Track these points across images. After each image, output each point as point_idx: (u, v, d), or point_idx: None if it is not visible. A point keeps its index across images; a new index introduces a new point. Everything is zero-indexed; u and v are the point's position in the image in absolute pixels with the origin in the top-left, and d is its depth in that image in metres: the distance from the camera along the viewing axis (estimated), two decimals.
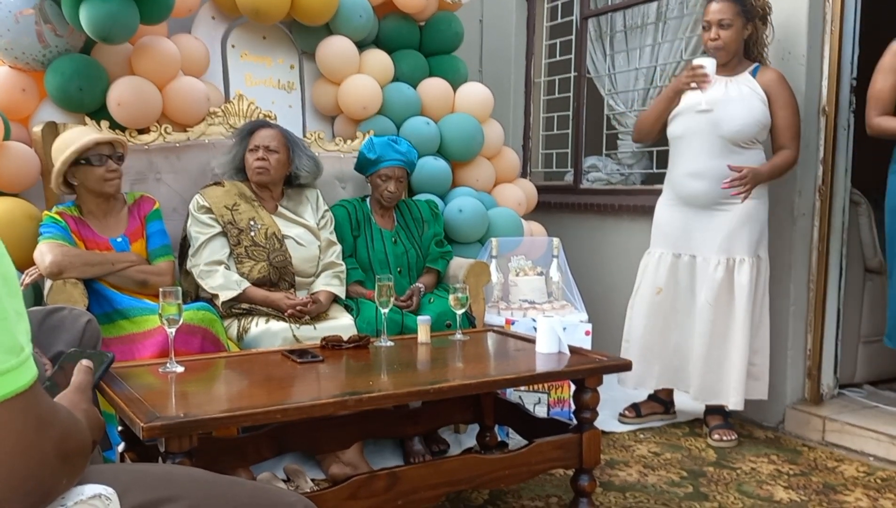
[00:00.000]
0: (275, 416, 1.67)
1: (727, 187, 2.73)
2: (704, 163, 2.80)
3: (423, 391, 1.90)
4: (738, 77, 2.81)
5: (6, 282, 0.66)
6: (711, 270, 2.81)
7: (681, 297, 2.92)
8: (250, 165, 2.73)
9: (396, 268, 2.94)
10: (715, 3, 2.79)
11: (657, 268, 2.95)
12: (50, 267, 2.27)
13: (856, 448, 2.77)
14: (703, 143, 2.80)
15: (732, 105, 2.76)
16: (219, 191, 2.72)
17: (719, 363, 2.82)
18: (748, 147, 2.78)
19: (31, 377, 0.67)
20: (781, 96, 2.77)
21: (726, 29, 2.76)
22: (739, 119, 2.74)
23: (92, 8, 2.53)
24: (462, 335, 2.42)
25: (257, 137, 2.75)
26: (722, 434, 2.84)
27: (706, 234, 2.83)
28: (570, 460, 2.14)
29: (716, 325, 2.81)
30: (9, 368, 0.64)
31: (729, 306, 2.80)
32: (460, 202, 3.28)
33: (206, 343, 2.24)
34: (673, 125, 2.90)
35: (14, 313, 0.66)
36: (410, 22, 3.54)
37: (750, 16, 2.77)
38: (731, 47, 2.79)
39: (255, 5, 3.04)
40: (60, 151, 2.39)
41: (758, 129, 2.76)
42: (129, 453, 1.97)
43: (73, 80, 2.71)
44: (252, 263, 2.63)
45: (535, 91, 4.53)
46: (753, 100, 2.76)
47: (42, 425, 0.68)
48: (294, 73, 3.40)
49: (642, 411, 3.07)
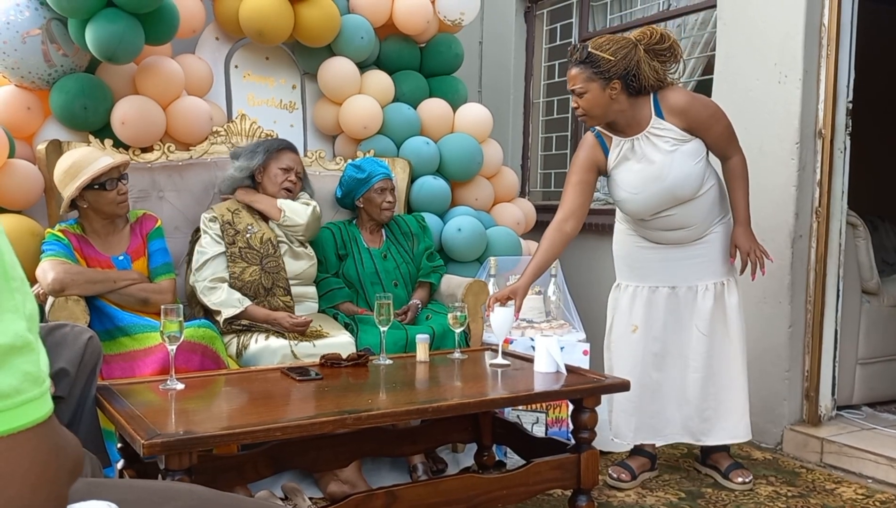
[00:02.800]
0: (274, 434, 1.67)
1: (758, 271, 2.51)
2: (675, 223, 2.54)
3: (422, 409, 1.90)
4: (648, 129, 2.46)
5: (31, 319, 0.69)
6: (699, 298, 2.58)
7: (660, 335, 2.63)
8: (279, 182, 2.84)
9: (392, 282, 2.98)
10: (570, 69, 2.46)
11: (632, 303, 2.66)
12: (52, 284, 2.28)
13: (854, 471, 2.77)
14: (668, 214, 2.53)
15: (670, 166, 2.43)
16: (225, 202, 2.84)
17: (718, 396, 2.60)
18: (705, 185, 2.51)
19: (50, 408, 0.70)
20: (696, 116, 2.44)
21: (582, 96, 2.42)
22: (694, 177, 2.45)
23: (98, 28, 2.57)
24: (460, 354, 2.43)
25: (289, 158, 2.88)
26: (744, 476, 2.63)
27: (687, 263, 2.59)
28: (568, 480, 2.14)
29: (712, 357, 2.59)
30: (32, 397, 0.67)
31: (724, 333, 2.59)
32: (459, 221, 3.30)
33: (206, 360, 2.25)
34: (632, 208, 2.56)
35: (36, 346, 0.69)
36: (411, 43, 3.59)
37: (608, 75, 2.38)
38: (596, 112, 2.44)
39: (259, 27, 3.08)
40: (70, 176, 2.40)
41: (703, 164, 2.48)
42: (129, 470, 1.97)
43: (78, 98, 2.74)
44: (244, 264, 2.69)
45: (534, 111, 4.58)
46: (680, 145, 2.44)
47: (59, 454, 0.70)
48: (296, 93, 3.44)
49: (636, 470, 2.68)
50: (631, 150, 2.51)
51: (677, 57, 2.49)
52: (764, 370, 3.07)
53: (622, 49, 2.40)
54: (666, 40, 2.45)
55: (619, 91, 2.42)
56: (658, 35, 2.45)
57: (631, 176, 2.51)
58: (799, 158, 2.95)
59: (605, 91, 2.41)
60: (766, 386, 3.07)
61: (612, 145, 2.55)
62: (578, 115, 2.49)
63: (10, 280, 0.68)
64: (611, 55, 2.39)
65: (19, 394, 0.66)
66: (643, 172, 2.49)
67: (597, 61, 2.39)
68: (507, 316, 2.33)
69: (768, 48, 3.03)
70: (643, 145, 2.49)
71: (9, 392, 0.65)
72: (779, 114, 3.00)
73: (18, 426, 0.66)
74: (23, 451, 0.66)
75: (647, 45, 2.43)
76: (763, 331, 3.05)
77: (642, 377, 2.63)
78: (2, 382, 0.64)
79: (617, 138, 2.54)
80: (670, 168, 2.45)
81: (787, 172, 2.98)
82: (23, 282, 0.70)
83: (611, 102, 2.43)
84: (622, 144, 2.53)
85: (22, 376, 0.66)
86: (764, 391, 3.07)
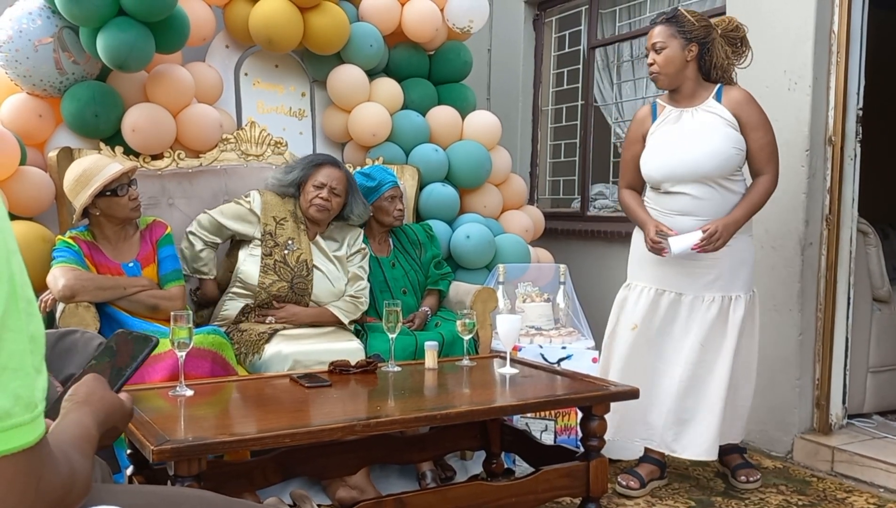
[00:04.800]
0: (284, 440, 1.68)
1: (700, 251, 2.50)
2: (689, 203, 2.57)
3: (431, 416, 1.90)
4: (703, 105, 2.59)
5: (33, 340, 0.68)
6: (704, 308, 2.59)
7: (656, 339, 2.65)
8: (310, 199, 2.74)
9: (401, 290, 2.98)
10: (652, 28, 2.63)
11: (636, 302, 2.68)
12: (63, 291, 2.29)
13: (865, 480, 2.74)
14: (684, 185, 2.57)
15: (704, 139, 2.53)
16: (277, 199, 2.77)
17: (693, 409, 2.59)
18: (732, 179, 2.57)
19: (39, 434, 0.68)
20: (751, 117, 2.55)
21: (660, 52, 2.57)
22: (719, 154, 2.51)
23: (110, 37, 2.59)
24: (469, 361, 2.43)
25: (326, 174, 2.75)
26: (748, 475, 2.68)
27: (699, 272, 2.60)
28: (578, 488, 2.14)
29: (700, 367, 2.58)
30: (21, 422, 0.65)
31: (719, 346, 2.58)
32: (468, 229, 3.30)
33: (215, 367, 2.25)
34: (648, 168, 2.65)
35: (33, 369, 0.68)
36: (420, 51, 3.60)
37: (689, 36, 2.55)
38: (669, 70, 2.57)
39: (269, 35, 3.10)
40: (82, 184, 2.42)
41: (738, 157, 2.54)
42: (138, 476, 1.97)
43: (89, 106, 2.76)
44: (275, 278, 2.67)
45: (543, 119, 4.58)
46: (724, 127, 2.54)
47: (43, 487, 0.69)
48: (305, 100, 3.46)
49: (645, 478, 2.66)
50: (677, 119, 2.64)
51: (746, 47, 2.65)
52: (774, 378, 3.05)
53: (703, 21, 2.60)
54: (740, 30, 2.63)
55: (694, 58, 2.59)
56: (734, 24, 2.63)
57: (664, 137, 2.64)
58: (809, 165, 2.94)
59: (683, 51, 2.58)
60: (776, 394, 3.05)
61: (662, 114, 2.69)
62: (652, 72, 2.63)
63: (17, 300, 0.66)
64: (695, 20, 2.58)
65: (10, 417, 0.64)
66: (677, 134, 2.61)
67: (682, 21, 2.58)
68: (515, 324, 2.33)
69: (778, 55, 3.02)
70: (690, 117, 2.62)
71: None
72: (789, 121, 2.99)
73: (3, 450, 0.64)
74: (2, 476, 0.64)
75: (724, 31, 2.61)
76: (773, 339, 3.03)
77: (632, 378, 2.57)
78: None
79: (669, 108, 2.67)
80: (703, 138, 2.55)
81: (798, 179, 2.97)
82: (30, 303, 0.69)
83: (685, 64, 2.59)
84: (670, 113, 2.66)
85: (13, 398, 0.64)
86: (774, 400, 3.05)
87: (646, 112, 2.74)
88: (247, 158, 3.11)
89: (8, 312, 0.64)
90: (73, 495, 0.75)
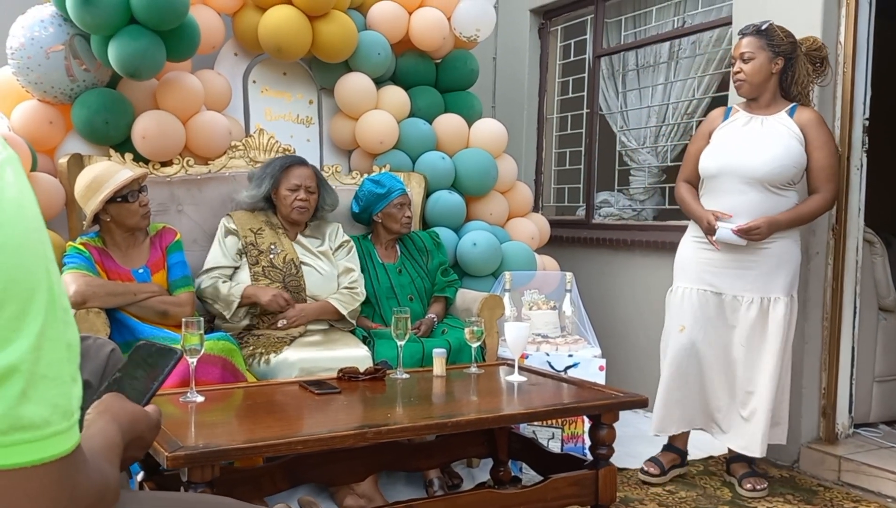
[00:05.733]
0: (296, 447, 1.68)
1: (740, 236, 2.63)
2: (737, 203, 2.68)
3: (440, 423, 1.91)
4: (774, 116, 2.71)
5: (69, 348, 0.68)
6: (744, 309, 2.71)
7: (707, 335, 2.77)
8: (289, 203, 2.79)
9: (407, 296, 2.99)
10: (742, 39, 2.74)
11: (681, 304, 2.82)
12: (74, 297, 2.30)
13: (872, 489, 2.74)
14: (737, 183, 2.68)
15: (767, 145, 2.65)
16: (247, 215, 2.83)
17: (744, 408, 2.72)
18: (784, 188, 2.66)
19: (75, 443, 0.68)
20: (818, 137, 2.66)
21: (748, 62, 2.69)
22: (776, 160, 2.62)
23: (121, 45, 2.61)
24: (477, 369, 2.43)
25: (296, 175, 2.81)
26: (755, 484, 2.71)
27: (738, 272, 2.71)
28: (586, 497, 2.14)
29: (744, 367, 2.70)
30: (58, 431, 0.66)
31: (760, 347, 2.69)
32: (474, 236, 3.31)
33: (225, 373, 2.26)
34: (705, 162, 2.78)
35: (70, 378, 0.68)
36: (427, 59, 3.62)
37: (777, 50, 2.67)
38: (754, 80, 2.69)
39: (277, 43, 3.11)
40: (93, 190, 2.43)
41: (795, 170, 2.64)
42: (148, 482, 1.98)
43: (100, 113, 2.78)
44: (268, 281, 2.71)
45: (548, 127, 4.60)
46: (788, 139, 2.64)
47: (76, 494, 0.69)
48: (313, 108, 3.47)
49: (665, 466, 2.84)
50: (746, 123, 2.75)
51: (828, 66, 2.77)
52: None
53: (791, 38, 2.71)
54: (822, 50, 2.74)
55: (778, 71, 2.70)
56: (818, 44, 2.75)
57: (729, 135, 2.76)
58: None
59: (770, 64, 2.69)
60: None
61: (733, 116, 2.81)
62: (738, 80, 2.73)
63: (56, 310, 0.67)
64: (784, 36, 2.69)
65: (48, 426, 0.64)
66: (742, 135, 2.72)
67: (772, 35, 2.68)
68: (523, 332, 2.34)
69: None
70: (759, 124, 2.72)
71: (38, 423, 0.63)
72: None
73: (41, 458, 0.64)
74: (38, 484, 0.64)
75: (808, 49, 2.73)
76: None
77: (687, 373, 2.79)
78: (31, 411, 0.63)
79: (742, 113, 2.79)
80: (765, 143, 2.66)
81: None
82: (66, 312, 0.69)
83: (769, 76, 2.70)
84: (741, 117, 2.78)
85: (52, 408, 0.64)
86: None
87: (719, 112, 2.89)
88: (255, 165, 3.12)
89: (48, 322, 0.65)
90: (105, 503, 0.75)
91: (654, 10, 3.96)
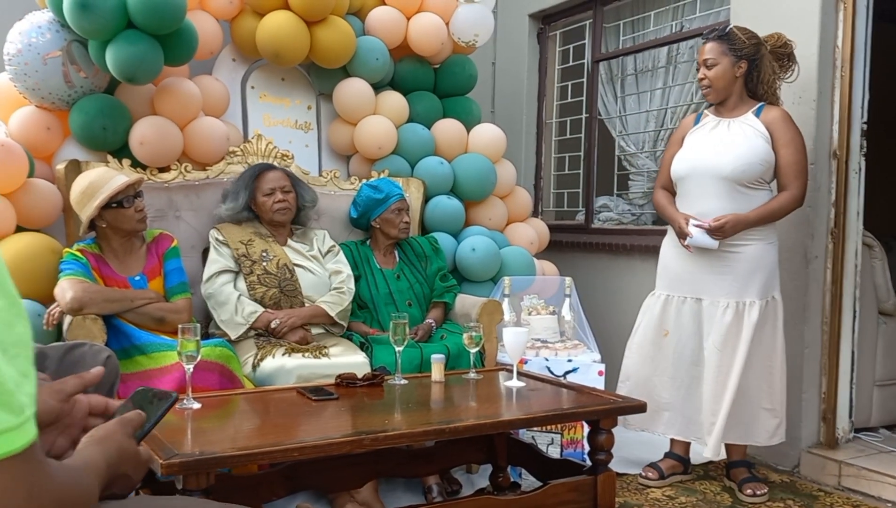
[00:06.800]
0: (292, 454, 1.67)
1: (711, 235, 2.68)
2: (709, 204, 2.73)
3: (439, 430, 1.89)
4: (741, 117, 2.76)
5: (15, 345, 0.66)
6: (720, 313, 2.73)
7: (688, 342, 2.83)
8: (270, 207, 2.83)
9: (406, 302, 2.98)
10: (704, 44, 2.78)
11: (664, 310, 2.88)
12: (71, 303, 2.30)
13: (873, 494, 2.73)
14: (707, 184, 2.73)
15: (732, 145, 2.70)
16: (234, 227, 2.84)
17: (717, 410, 2.72)
18: (754, 187, 2.71)
19: (28, 440, 0.65)
20: (784, 134, 2.69)
21: (711, 68, 2.74)
22: (741, 159, 2.67)
23: (119, 50, 2.61)
24: (476, 374, 2.42)
25: (269, 180, 2.86)
26: (755, 489, 2.71)
27: (714, 277, 2.75)
28: (585, 502, 2.12)
29: (720, 371, 2.72)
30: (8, 427, 0.64)
31: (733, 350, 2.71)
32: (473, 241, 3.31)
33: (222, 380, 2.25)
34: (676, 165, 2.85)
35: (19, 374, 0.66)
36: (425, 65, 3.62)
37: (739, 53, 2.71)
38: (718, 85, 2.75)
39: (276, 48, 3.11)
40: (88, 196, 2.43)
41: (762, 168, 2.68)
42: (144, 489, 1.96)
43: (98, 119, 2.78)
44: (264, 289, 2.73)
45: (547, 132, 4.60)
46: (754, 139, 2.69)
47: (33, 494, 0.67)
48: (311, 113, 3.47)
49: (665, 471, 2.88)
50: (714, 126, 2.81)
51: (794, 62, 2.79)
52: None
53: (754, 39, 2.73)
54: (787, 46, 2.77)
55: (742, 74, 2.74)
56: (783, 40, 2.77)
57: (698, 140, 2.82)
58: (814, 178, 2.95)
59: (733, 68, 2.73)
60: None
61: (703, 121, 2.87)
62: (703, 86, 2.80)
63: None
64: (746, 38, 2.72)
65: None
66: (709, 138, 2.78)
67: (734, 39, 2.72)
68: (522, 337, 2.33)
69: None
70: (726, 127, 2.78)
71: None
72: None
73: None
74: None
75: (773, 47, 2.75)
76: None
77: (674, 378, 2.85)
78: None
79: (712, 117, 2.85)
80: (731, 144, 2.71)
81: None
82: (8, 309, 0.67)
83: (734, 80, 2.75)
84: (710, 121, 2.84)
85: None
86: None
87: (691, 118, 2.96)
88: None
89: None
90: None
91: (652, 14, 3.96)
